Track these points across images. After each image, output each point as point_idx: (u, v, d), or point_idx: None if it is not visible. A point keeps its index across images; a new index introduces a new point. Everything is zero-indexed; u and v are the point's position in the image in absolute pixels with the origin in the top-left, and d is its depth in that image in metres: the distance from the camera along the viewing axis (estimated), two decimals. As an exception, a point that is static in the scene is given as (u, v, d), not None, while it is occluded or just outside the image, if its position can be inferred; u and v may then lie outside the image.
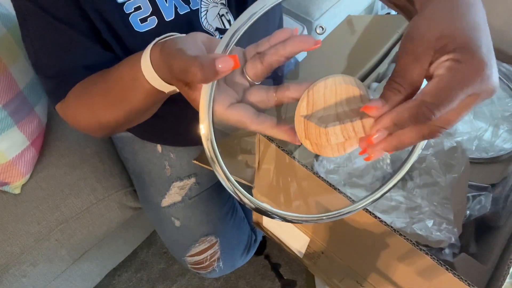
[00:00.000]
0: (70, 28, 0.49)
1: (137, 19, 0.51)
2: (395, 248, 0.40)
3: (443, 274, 0.35)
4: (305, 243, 0.57)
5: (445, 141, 0.65)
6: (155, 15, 0.52)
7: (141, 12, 0.51)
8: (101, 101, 0.48)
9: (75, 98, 0.51)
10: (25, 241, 0.78)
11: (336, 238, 0.50)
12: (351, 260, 0.51)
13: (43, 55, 0.51)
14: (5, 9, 0.75)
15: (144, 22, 0.52)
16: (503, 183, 0.64)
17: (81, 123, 0.52)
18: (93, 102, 0.49)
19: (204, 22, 0.56)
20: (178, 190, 0.78)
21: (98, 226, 0.86)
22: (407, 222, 0.58)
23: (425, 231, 0.57)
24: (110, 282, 1.17)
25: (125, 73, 0.44)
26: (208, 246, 0.80)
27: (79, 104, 0.51)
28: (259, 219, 0.67)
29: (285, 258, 1.20)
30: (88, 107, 0.49)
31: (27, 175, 0.81)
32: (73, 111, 0.52)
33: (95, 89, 0.49)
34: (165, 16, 0.53)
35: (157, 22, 0.52)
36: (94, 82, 0.50)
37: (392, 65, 0.83)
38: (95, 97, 0.48)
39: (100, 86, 0.48)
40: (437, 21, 0.29)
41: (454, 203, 0.60)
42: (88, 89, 0.50)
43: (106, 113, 0.48)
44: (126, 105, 0.46)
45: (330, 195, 0.41)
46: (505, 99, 0.77)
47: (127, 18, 0.50)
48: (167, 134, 0.74)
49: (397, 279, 0.45)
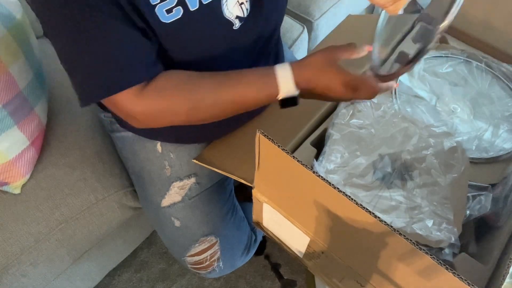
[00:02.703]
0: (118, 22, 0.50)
1: (163, 10, 0.52)
2: (395, 248, 0.40)
3: (443, 274, 0.35)
4: (305, 243, 0.57)
5: (445, 141, 0.65)
6: (180, 5, 0.52)
7: (167, 3, 0.51)
8: (211, 97, 0.55)
9: (175, 86, 0.55)
10: (25, 241, 0.78)
11: (336, 238, 0.50)
12: (351, 260, 0.51)
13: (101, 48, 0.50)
14: (5, 9, 0.74)
15: (170, 13, 0.52)
16: (503, 183, 0.64)
17: (171, 108, 0.55)
18: (202, 97, 0.55)
19: (225, 10, 0.57)
20: (178, 190, 0.78)
21: (98, 226, 0.86)
22: (407, 222, 0.58)
23: (425, 230, 0.57)
24: (110, 282, 1.17)
25: (253, 77, 0.56)
26: (208, 246, 0.80)
27: (181, 92, 0.55)
28: (259, 219, 0.67)
29: (285, 258, 1.20)
30: (192, 98, 0.55)
31: (27, 175, 0.81)
32: (166, 96, 0.55)
33: (205, 84, 0.56)
34: (189, 6, 0.53)
35: (182, 12, 0.53)
36: (201, 76, 0.56)
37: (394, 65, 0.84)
38: (203, 93, 0.55)
39: (211, 83, 0.56)
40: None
41: (454, 203, 0.60)
42: (196, 84, 0.56)
43: (210, 108, 0.56)
44: (236, 105, 0.56)
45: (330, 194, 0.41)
46: (505, 99, 0.77)
47: (153, 9, 0.51)
48: (167, 131, 0.74)
49: (397, 279, 0.45)
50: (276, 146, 0.42)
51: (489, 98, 0.77)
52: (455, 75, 0.80)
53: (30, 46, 0.80)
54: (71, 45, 0.50)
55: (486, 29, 0.82)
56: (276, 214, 0.57)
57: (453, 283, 0.35)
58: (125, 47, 0.51)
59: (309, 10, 1.24)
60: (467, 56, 0.82)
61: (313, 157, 0.68)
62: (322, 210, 0.46)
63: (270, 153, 0.45)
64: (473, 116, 0.75)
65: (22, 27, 0.78)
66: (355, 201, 0.39)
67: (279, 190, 0.53)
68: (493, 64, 0.80)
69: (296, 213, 0.54)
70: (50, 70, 0.98)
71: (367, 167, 0.64)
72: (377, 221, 0.38)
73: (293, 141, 0.70)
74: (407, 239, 0.37)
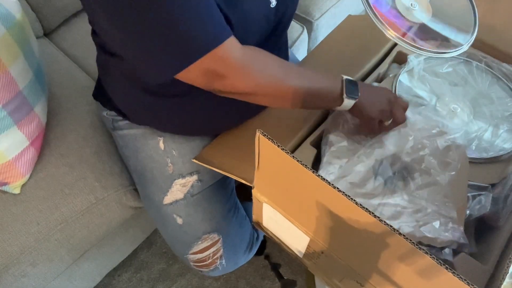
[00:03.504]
0: None
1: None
2: (395, 248, 0.40)
3: (443, 273, 0.35)
4: (305, 243, 0.57)
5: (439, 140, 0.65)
6: None
7: None
8: (295, 76, 0.60)
9: (267, 55, 0.59)
10: (25, 241, 0.78)
11: (336, 238, 0.50)
12: (351, 260, 0.51)
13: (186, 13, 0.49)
14: (4, 9, 0.74)
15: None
16: (503, 183, 0.64)
17: (267, 67, 0.58)
18: (289, 74, 0.60)
19: None
20: (180, 188, 0.78)
21: (98, 226, 0.86)
22: (414, 226, 0.58)
23: (434, 232, 0.57)
24: (110, 282, 1.17)
25: (326, 83, 0.62)
26: (210, 243, 0.80)
27: (273, 60, 0.59)
28: (259, 219, 0.67)
29: (285, 258, 1.20)
30: (282, 67, 0.60)
31: (26, 175, 0.81)
32: (263, 56, 0.58)
33: (290, 66, 0.61)
34: None
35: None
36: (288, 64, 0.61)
37: (392, 65, 0.84)
38: (290, 71, 0.60)
39: (293, 67, 0.61)
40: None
41: (455, 200, 0.60)
42: (284, 62, 0.61)
43: (291, 89, 0.59)
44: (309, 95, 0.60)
45: (330, 194, 0.41)
46: (505, 99, 0.77)
47: None
48: (175, 122, 0.75)
49: (397, 279, 0.45)
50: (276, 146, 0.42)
51: (489, 98, 0.77)
52: (455, 75, 0.80)
53: (29, 45, 0.80)
54: (161, 9, 0.47)
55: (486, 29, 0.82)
56: (276, 214, 0.57)
57: (453, 283, 0.35)
58: (212, 4, 0.51)
59: (309, 10, 1.24)
60: (467, 56, 0.82)
61: (313, 157, 0.68)
62: (322, 210, 0.46)
63: (270, 153, 0.45)
64: (473, 116, 0.75)
65: (21, 27, 0.78)
66: (355, 201, 0.39)
67: (279, 190, 0.52)
68: (493, 64, 0.80)
69: (296, 213, 0.54)
70: (50, 70, 0.98)
71: (367, 173, 0.64)
72: (377, 221, 0.38)
73: (293, 141, 0.70)
74: (407, 239, 0.37)
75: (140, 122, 0.78)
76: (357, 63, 0.80)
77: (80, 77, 1.01)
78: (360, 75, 0.79)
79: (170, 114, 0.73)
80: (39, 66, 0.85)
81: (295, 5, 0.71)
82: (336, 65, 0.82)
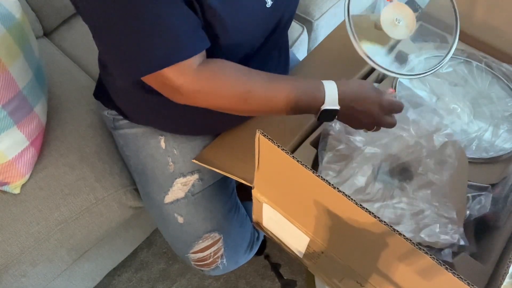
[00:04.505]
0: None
1: None
2: (395, 248, 0.40)
3: (443, 274, 0.35)
4: (305, 243, 0.57)
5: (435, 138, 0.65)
6: None
7: None
8: (261, 91, 0.58)
9: (230, 72, 0.57)
10: (24, 241, 0.78)
11: (336, 238, 0.50)
12: (351, 260, 0.51)
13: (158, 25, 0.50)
14: (4, 9, 0.74)
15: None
16: (502, 183, 0.64)
17: (221, 91, 0.57)
18: (253, 88, 0.57)
19: None
20: (181, 187, 0.78)
21: (98, 226, 0.86)
22: (414, 230, 0.58)
23: (433, 237, 0.57)
24: (110, 282, 1.17)
25: (301, 82, 0.60)
26: (211, 242, 0.80)
27: (234, 79, 0.57)
28: (259, 219, 0.67)
29: (285, 258, 1.20)
30: (244, 87, 0.57)
31: (26, 175, 0.81)
32: (220, 78, 0.57)
33: (257, 77, 0.59)
34: None
35: None
36: (253, 70, 0.59)
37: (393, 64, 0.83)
38: (255, 85, 0.58)
39: (262, 79, 0.59)
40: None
41: (454, 199, 0.60)
42: (249, 75, 0.58)
43: (257, 101, 0.58)
44: (281, 104, 0.58)
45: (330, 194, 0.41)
46: (505, 99, 0.77)
47: None
48: (176, 121, 0.75)
49: (397, 279, 0.45)
50: (276, 146, 0.42)
51: (489, 98, 0.77)
52: (455, 75, 0.80)
53: (29, 45, 0.80)
54: (123, 18, 0.49)
55: (486, 29, 0.82)
56: (276, 214, 0.57)
57: (453, 283, 0.35)
58: (177, 20, 0.51)
59: (309, 10, 1.24)
60: (467, 56, 0.82)
61: (313, 157, 0.68)
62: (322, 210, 0.46)
63: (270, 153, 0.45)
64: (473, 116, 0.75)
65: (21, 26, 0.78)
66: (355, 201, 0.39)
67: (279, 190, 0.52)
68: (493, 64, 0.80)
69: (296, 213, 0.54)
70: (50, 70, 0.98)
71: (367, 179, 0.63)
72: (377, 221, 0.38)
73: (293, 141, 0.70)
74: (407, 239, 0.37)
75: (141, 121, 0.78)
76: (357, 63, 0.80)
77: (80, 77, 1.01)
78: (360, 75, 0.79)
79: (171, 113, 0.72)
80: (39, 66, 0.85)
81: (295, 5, 0.71)
82: (336, 65, 0.82)
